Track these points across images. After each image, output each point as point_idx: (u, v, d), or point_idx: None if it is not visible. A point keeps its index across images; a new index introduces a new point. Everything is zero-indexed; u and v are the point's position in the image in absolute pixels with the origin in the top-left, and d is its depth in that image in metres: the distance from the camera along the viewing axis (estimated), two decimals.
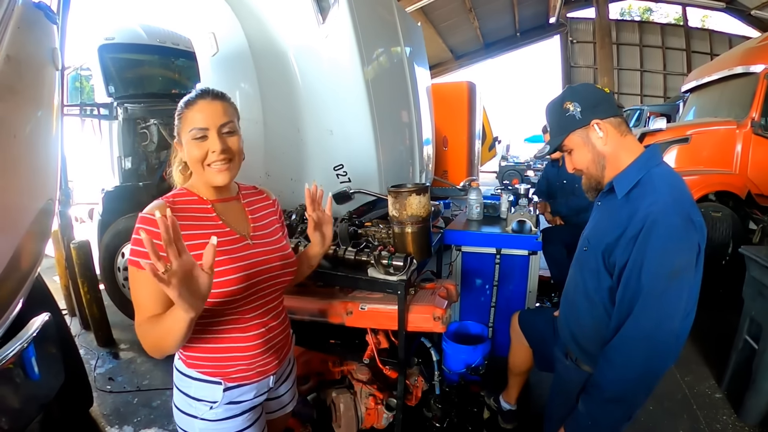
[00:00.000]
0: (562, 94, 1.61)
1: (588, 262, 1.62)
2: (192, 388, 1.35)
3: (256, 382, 1.41)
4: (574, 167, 1.67)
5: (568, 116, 1.56)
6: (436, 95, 5.49)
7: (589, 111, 1.53)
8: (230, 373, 1.35)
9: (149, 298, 1.20)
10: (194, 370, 1.34)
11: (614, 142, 1.55)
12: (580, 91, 1.58)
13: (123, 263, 3.98)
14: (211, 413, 1.34)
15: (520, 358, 2.41)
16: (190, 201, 1.35)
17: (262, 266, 1.39)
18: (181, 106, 1.32)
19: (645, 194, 1.45)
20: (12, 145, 1.74)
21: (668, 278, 1.34)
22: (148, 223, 1.19)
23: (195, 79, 4.92)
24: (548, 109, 1.66)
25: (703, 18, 19.13)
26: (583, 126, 1.55)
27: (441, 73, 19.71)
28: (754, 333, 2.72)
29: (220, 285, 1.26)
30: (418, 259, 2.27)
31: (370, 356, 2.32)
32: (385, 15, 3.82)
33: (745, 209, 4.71)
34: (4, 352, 1.67)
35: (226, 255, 1.30)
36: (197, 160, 1.30)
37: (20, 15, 1.77)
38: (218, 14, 3.15)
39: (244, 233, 1.40)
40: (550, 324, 2.16)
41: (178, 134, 1.34)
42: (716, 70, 5.66)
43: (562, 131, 1.60)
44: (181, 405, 1.37)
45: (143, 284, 1.20)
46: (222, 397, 1.33)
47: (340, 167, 3.22)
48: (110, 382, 3.31)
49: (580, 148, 1.59)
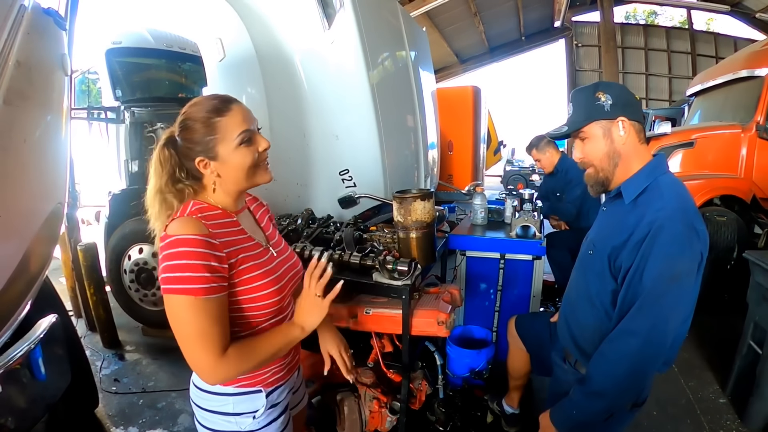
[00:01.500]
0: (596, 84, 1.60)
1: (593, 266, 1.63)
2: (230, 404, 1.30)
3: (289, 379, 1.43)
4: (583, 157, 1.65)
5: (597, 105, 1.54)
6: (441, 99, 5.50)
7: (619, 107, 1.53)
8: (268, 377, 1.34)
9: (217, 324, 1.13)
10: (232, 386, 1.29)
11: (631, 146, 1.56)
12: (615, 87, 1.58)
13: (129, 266, 4.00)
14: (255, 423, 1.31)
15: (519, 363, 2.42)
16: (217, 216, 1.26)
17: (288, 274, 1.39)
18: (207, 117, 1.20)
19: (652, 200, 1.47)
20: (22, 149, 1.76)
21: (668, 282, 1.36)
22: (192, 244, 1.11)
23: (201, 83, 4.95)
24: (577, 92, 1.64)
25: (708, 21, 19.02)
26: (608, 119, 1.54)
27: (446, 78, 19.69)
28: (759, 338, 2.71)
29: (262, 298, 1.25)
30: (423, 264, 2.29)
31: (375, 360, 2.34)
32: (390, 20, 3.84)
33: (751, 213, 4.68)
34: (12, 352, 1.69)
35: (261, 269, 1.27)
36: (250, 164, 1.24)
37: (30, 21, 1.79)
38: (225, 20, 3.18)
39: (264, 244, 1.38)
40: (546, 328, 2.18)
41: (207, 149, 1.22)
42: (721, 73, 5.63)
43: (586, 117, 1.58)
44: (215, 425, 1.32)
45: (205, 311, 1.11)
46: (265, 403, 1.32)
47: (346, 172, 3.23)
48: (116, 384, 3.33)
49: (596, 139, 1.58)
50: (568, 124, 1.64)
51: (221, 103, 1.23)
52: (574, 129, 1.62)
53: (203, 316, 1.10)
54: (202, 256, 1.10)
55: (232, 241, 1.23)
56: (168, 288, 1.10)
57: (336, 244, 2.55)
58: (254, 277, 1.23)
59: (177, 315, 1.12)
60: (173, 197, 1.25)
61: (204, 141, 1.21)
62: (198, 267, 1.09)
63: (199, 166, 1.23)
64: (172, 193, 1.25)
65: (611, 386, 1.47)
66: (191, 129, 1.22)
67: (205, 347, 1.12)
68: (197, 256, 1.10)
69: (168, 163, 1.25)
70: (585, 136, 1.61)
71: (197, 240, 1.12)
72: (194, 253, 1.10)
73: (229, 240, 1.22)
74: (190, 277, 1.09)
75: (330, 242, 2.59)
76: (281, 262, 1.38)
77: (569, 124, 1.64)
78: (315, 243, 2.50)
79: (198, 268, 1.09)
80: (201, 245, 1.11)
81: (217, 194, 1.29)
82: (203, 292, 1.09)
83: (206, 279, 1.10)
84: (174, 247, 1.11)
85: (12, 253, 1.71)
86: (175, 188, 1.26)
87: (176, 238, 1.12)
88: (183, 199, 1.26)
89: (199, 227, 1.15)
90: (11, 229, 1.71)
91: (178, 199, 1.26)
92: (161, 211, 1.25)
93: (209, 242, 1.14)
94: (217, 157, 1.22)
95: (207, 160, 1.23)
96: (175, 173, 1.26)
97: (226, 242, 1.20)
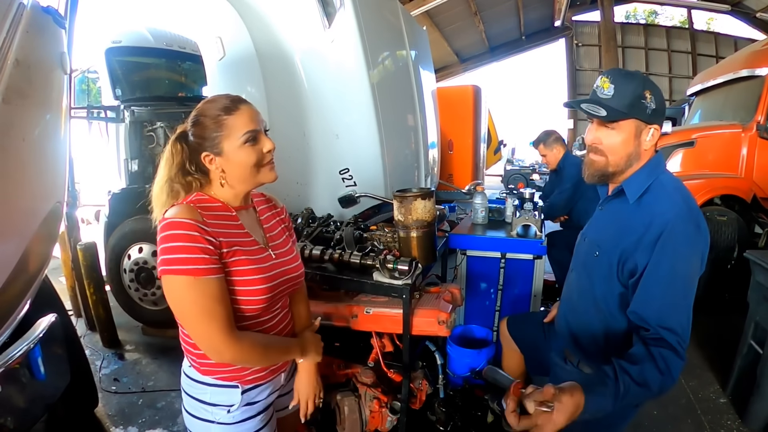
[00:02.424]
0: (645, 80, 1.50)
1: (599, 268, 1.59)
2: (208, 394, 1.35)
3: (270, 381, 1.44)
4: (598, 143, 1.55)
5: (642, 103, 1.47)
6: (441, 99, 5.50)
7: (658, 114, 1.49)
8: (246, 375, 1.36)
9: (220, 302, 1.19)
10: (210, 377, 1.34)
11: (648, 151, 1.53)
12: (658, 92, 1.51)
13: (129, 265, 4.00)
14: (229, 416, 1.35)
15: (513, 364, 2.40)
16: (215, 208, 1.32)
17: (282, 277, 1.41)
18: (217, 114, 1.26)
19: (659, 200, 1.46)
20: (21, 148, 1.75)
21: (685, 280, 1.37)
22: (185, 227, 1.17)
23: (201, 82, 4.95)
24: (624, 77, 1.49)
25: (708, 21, 19.02)
26: (645, 121, 1.49)
27: (446, 77, 19.69)
28: (759, 338, 2.71)
29: (249, 293, 1.28)
30: (423, 263, 2.28)
31: (375, 359, 2.34)
32: (390, 19, 3.83)
33: (751, 213, 4.68)
34: (11, 352, 1.68)
35: (255, 265, 1.31)
36: (253, 163, 1.29)
37: (29, 19, 1.78)
38: (225, 18, 3.18)
39: (262, 243, 1.41)
40: (540, 328, 2.15)
41: (213, 145, 1.27)
42: (721, 73, 5.62)
43: (628, 111, 1.47)
44: (195, 411, 1.37)
45: (206, 292, 1.17)
46: (240, 399, 1.34)
47: (346, 171, 3.23)
48: (115, 383, 3.33)
49: (625, 135, 1.50)
50: (608, 111, 1.48)
51: (231, 102, 1.29)
52: (612, 119, 1.50)
53: (205, 296, 1.16)
54: (194, 238, 1.16)
55: (227, 233, 1.28)
56: (167, 269, 1.16)
57: (336, 243, 2.55)
58: (245, 270, 1.28)
59: (178, 296, 1.18)
60: (180, 187, 1.31)
61: (211, 137, 1.27)
62: (193, 249, 1.15)
63: (205, 161, 1.30)
64: (180, 184, 1.31)
65: (658, 382, 1.35)
66: (201, 125, 1.28)
67: (212, 325, 1.18)
68: (190, 239, 1.15)
69: (179, 155, 1.31)
70: (615, 127, 1.52)
71: (188, 223, 1.17)
72: (187, 236, 1.15)
73: (224, 231, 1.27)
74: (187, 258, 1.15)
75: (330, 241, 2.59)
76: (277, 264, 1.41)
77: (609, 110, 1.48)
78: (315, 242, 2.49)
79: (193, 250, 1.15)
80: (192, 228, 1.17)
81: (222, 189, 1.34)
82: (201, 273, 1.15)
83: (203, 260, 1.16)
84: (167, 229, 1.17)
85: (11, 252, 1.71)
86: (184, 180, 1.32)
87: (169, 221, 1.18)
88: (189, 191, 1.32)
89: (193, 213, 1.21)
90: (10, 227, 1.71)
91: (185, 190, 1.32)
92: (167, 200, 1.31)
93: (200, 227, 1.19)
94: (222, 153, 1.28)
95: (213, 156, 1.29)
96: (184, 166, 1.31)
97: (219, 232, 1.25)
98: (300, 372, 1.55)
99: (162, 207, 1.30)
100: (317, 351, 1.55)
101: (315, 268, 2.37)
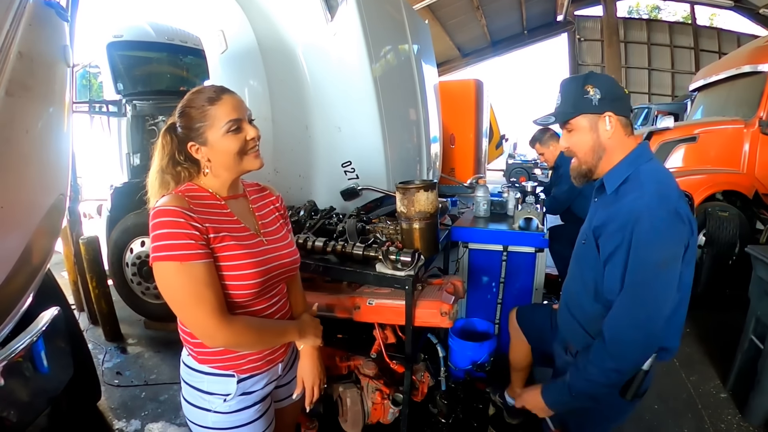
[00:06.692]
0: (586, 76, 1.61)
1: (586, 256, 1.66)
2: (204, 383, 1.36)
3: (266, 371, 1.44)
4: (569, 147, 1.67)
5: (585, 98, 1.56)
6: (443, 93, 5.49)
7: (607, 102, 1.54)
8: (242, 364, 1.37)
9: (209, 286, 1.21)
10: (206, 366, 1.35)
11: (617, 139, 1.58)
12: (604, 81, 1.58)
13: (131, 259, 4.01)
14: (225, 405, 1.36)
15: (520, 354, 2.42)
16: (204, 197, 1.34)
17: (274, 263, 1.41)
18: (201, 105, 1.30)
19: (631, 190, 1.51)
20: (24, 140, 1.76)
21: (655, 269, 1.39)
22: (172, 215, 1.19)
23: (203, 76, 4.95)
24: (566, 82, 1.64)
25: (711, 16, 18.97)
26: (595, 113, 1.56)
27: (448, 71, 19.67)
28: (760, 333, 2.71)
29: (240, 278, 1.29)
30: (426, 255, 2.28)
31: (377, 351, 2.34)
32: (392, 12, 3.82)
33: (753, 209, 4.67)
34: (14, 345, 1.69)
35: (245, 250, 1.32)
36: (236, 151, 1.32)
37: (32, 12, 1.78)
38: (227, 12, 3.18)
39: (254, 231, 1.43)
40: (548, 319, 2.18)
41: (198, 135, 1.31)
42: (724, 68, 5.62)
43: (574, 110, 1.59)
44: (193, 399, 1.38)
45: (193, 276, 1.19)
46: (236, 389, 1.36)
47: (348, 164, 3.23)
48: (118, 377, 3.34)
49: (583, 132, 1.61)
50: (556, 115, 1.66)
51: (214, 92, 1.32)
52: (561, 120, 1.65)
53: (193, 281, 1.19)
54: (179, 224, 1.19)
55: (215, 219, 1.31)
56: (155, 256, 1.19)
57: (339, 235, 2.55)
58: (235, 255, 1.29)
59: (167, 282, 1.21)
60: (171, 178, 1.36)
61: (196, 127, 1.31)
62: (179, 235, 1.18)
63: (191, 150, 1.34)
64: (170, 174, 1.36)
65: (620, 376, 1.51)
66: (188, 115, 1.32)
67: (203, 309, 1.20)
68: (175, 225, 1.18)
69: (169, 146, 1.36)
70: (572, 127, 1.63)
71: (174, 210, 1.20)
72: (172, 222, 1.18)
73: (211, 218, 1.30)
74: (173, 244, 1.18)
75: (333, 233, 2.59)
76: (269, 250, 1.42)
77: (556, 114, 1.65)
78: (317, 234, 2.50)
79: (179, 236, 1.18)
80: (178, 215, 1.20)
81: (209, 178, 1.38)
82: (188, 258, 1.18)
83: (188, 246, 1.18)
84: (155, 217, 1.20)
85: (14, 246, 1.71)
86: (174, 170, 1.36)
87: (157, 209, 1.22)
88: (179, 181, 1.36)
89: (179, 201, 1.24)
90: (13, 221, 1.71)
91: (175, 180, 1.36)
92: (159, 190, 1.36)
93: (185, 213, 1.22)
94: (207, 143, 1.32)
95: (198, 145, 1.33)
96: (174, 156, 1.36)
97: (206, 218, 1.27)
98: (302, 358, 1.56)
99: (155, 197, 1.34)
100: (316, 334, 1.55)
101: (318, 260, 2.37)
